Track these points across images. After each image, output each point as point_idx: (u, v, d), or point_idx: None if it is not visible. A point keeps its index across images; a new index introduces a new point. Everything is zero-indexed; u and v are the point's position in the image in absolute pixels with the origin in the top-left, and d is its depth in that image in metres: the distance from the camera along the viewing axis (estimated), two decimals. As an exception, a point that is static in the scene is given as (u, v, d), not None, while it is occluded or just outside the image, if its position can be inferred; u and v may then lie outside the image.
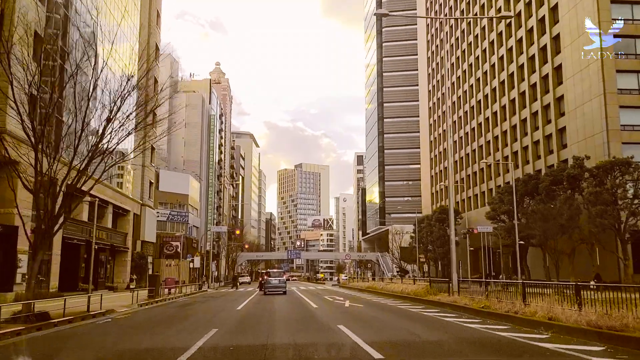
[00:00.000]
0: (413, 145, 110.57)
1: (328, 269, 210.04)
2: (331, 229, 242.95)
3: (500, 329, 11.68)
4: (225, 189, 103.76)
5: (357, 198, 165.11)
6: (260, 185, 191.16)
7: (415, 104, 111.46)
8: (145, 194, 41.66)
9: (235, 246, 70.84)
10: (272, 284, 32.02)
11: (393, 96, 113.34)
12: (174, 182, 60.22)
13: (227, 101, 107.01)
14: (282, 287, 32.19)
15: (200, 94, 72.49)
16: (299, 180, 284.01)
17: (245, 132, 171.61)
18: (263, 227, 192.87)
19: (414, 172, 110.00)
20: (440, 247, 68.43)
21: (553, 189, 41.76)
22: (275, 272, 33.99)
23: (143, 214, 41.04)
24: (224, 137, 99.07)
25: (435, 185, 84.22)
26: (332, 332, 11.59)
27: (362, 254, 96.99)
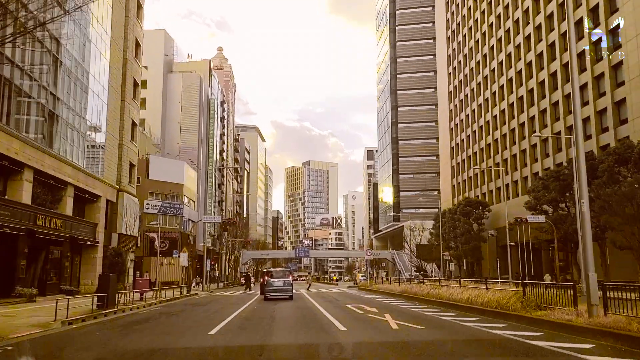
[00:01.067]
0: (429, 135, 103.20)
1: (337, 269, 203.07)
2: (340, 227, 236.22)
3: None
4: (228, 183, 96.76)
5: (368, 194, 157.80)
6: (267, 182, 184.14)
7: (430, 91, 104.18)
8: (124, 177, 34.62)
9: (236, 242, 63.81)
10: (274, 287, 25.58)
11: (407, 83, 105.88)
12: (166, 169, 53.22)
13: (229, 88, 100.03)
14: (288, 290, 25.71)
15: (198, 75, 65.56)
16: (306, 178, 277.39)
17: (251, 126, 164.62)
18: (270, 225, 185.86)
19: (431, 164, 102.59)
20: (466, 243, 61.12)
21: (617, 170, 34.31)
22: (279, 272, 26.86)
23: (121, 202, 33.99)
24: (226, 126, 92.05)
25: (457, 176, 76.77)
26: None
27: (377, 251, 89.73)
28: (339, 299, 24.80)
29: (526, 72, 55.58)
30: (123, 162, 34.30)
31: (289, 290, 25.58)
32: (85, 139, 28.82)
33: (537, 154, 52.80)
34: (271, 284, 25.40)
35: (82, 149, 28.62)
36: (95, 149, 30.30)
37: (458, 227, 63.24)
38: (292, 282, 26.23)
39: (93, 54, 29.47)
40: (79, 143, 27.94)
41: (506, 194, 60.49)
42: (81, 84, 28.32)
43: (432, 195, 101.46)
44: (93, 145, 30.37)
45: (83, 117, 28.19)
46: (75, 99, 27.21)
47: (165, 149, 60.89)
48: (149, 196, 51.76)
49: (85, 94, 28.65)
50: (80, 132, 27.83)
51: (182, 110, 63.82)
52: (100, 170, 30.90)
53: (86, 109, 28.56)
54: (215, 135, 74.83)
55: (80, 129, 27.93)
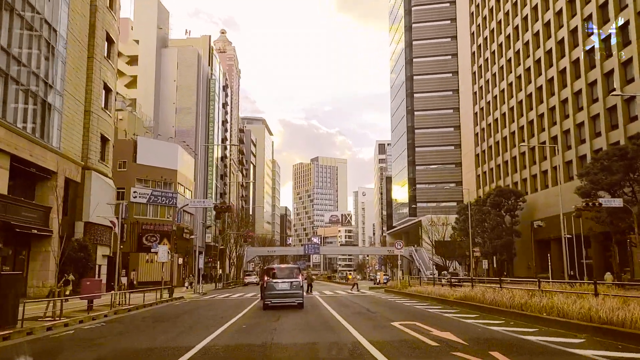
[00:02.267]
0: (447, 123, 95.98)
1: (347, 267, 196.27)
2: (350, 224, 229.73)
3: None
4: (232, 175, 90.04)
5: (380, 189, 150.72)
6: (274, 177, 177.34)
7: (448, 76, 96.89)
8: (92, 153, 27.82)
9: (239, 236, 57.02)
10: (277, 290, 18.17)
11: (424, 68, 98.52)
12: (157, 153, 46.51)
13: (233, 73, 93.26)
14: (296, 295, 18.30)
15: (196, 50, 58.70)
16: (315, 174, 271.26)
17: (258, 118, 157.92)
18: (277, 222, 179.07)
19: (449, 154, 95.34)
20: (497, 238, 54.10)
21: None
22: (284, 270, 19.12)
23: (87, 183, 27.22)
24: (229, 113, 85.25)
25: (483, 165, 69.51)
26: None
27: (392, 248, 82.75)
28: (372, 309, 17.50)
29: (569, 40, 48.29)
30: (91, 133, 27.52)
31: (298, 295, 18.21)
32: (29, 95, 21.98)
33: (585, 133, 45.48)
34: (273, 287, 18.06)
35: (24, 108, 21.80)
36: (48, 113, 23.45)
37: (487, 220, 56.22)
38: (302, 284, 18.92)
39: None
40: (18, 98, 21.16)
41: (543, 181, 53.26)
42: (26, 24, 21.57)
43: (450, 188, 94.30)
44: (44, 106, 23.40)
45: (25, 64, 21.41)
46: (14, 38, 20.48)
47: (159, 132, 54.18)
48: (136, 183, 45.11)
49: (30, 36, 21.86)
50: (21, 83, 21.06)
51: (177, 90, 57.11)
52: (56, 139, 24.10)
53: (30, 52, 21.74)
54: (216, 121, 68.08)
55: (21, 79, 21.18)
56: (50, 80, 23.30)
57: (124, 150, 44.86)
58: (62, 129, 24.26)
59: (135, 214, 44.59)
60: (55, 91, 23.77)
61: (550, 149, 51.35)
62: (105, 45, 29.01)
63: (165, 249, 26.81)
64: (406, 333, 10.53)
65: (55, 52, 23.95)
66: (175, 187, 47.90)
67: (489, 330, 11.13)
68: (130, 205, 43.75)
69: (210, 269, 60.51)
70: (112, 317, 15.86)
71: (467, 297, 16.24)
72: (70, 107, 25.17)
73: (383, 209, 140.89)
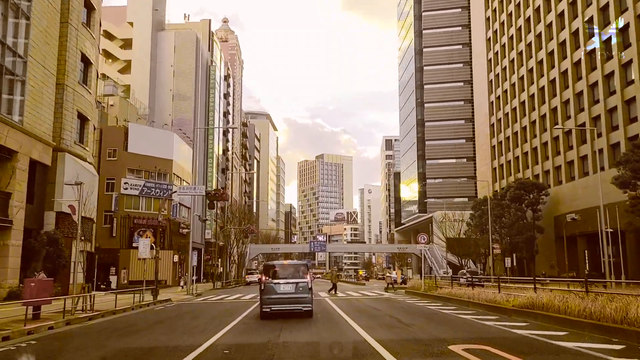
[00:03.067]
0: (458, 115, 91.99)
1: (352, 266, 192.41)
2: (355, 222, 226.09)
3: None
4: (234, 169, 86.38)
5: (387, 186, 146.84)
6: (279, 174, 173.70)
7: (459, 67, 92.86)
8: (67, 132, 24.10)
9: (240, 232, 53.25)
10: (279, 294, 14.22)
11: (434, 58, 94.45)
12: (151, 141, 42.84)
13: (236, 63, 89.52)
14: (302, 301, 14.28)
15: (195, 33, 54.90)
16: (320, 171, 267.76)
17: (262, 112, 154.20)
18: (282, 219, 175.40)
19: (460, 147, 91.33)
20: (518, 234, 50.21)
21: None
22: (288, 267, 15.03)
23: (60, 167, 23.50)
24: (232, 104, 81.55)
25: (500, 157, 65.51)
26: None
27: (403, 245, 78.86)
28: (404, 319, 13.59)
29: (599, 19, 44.25)
30: (66, 109, 23.79)
31: (305, 299, 14.17)
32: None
33: (618, 119, 41.45)
34: (273, 289, 14.11)
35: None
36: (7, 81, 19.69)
37: (505, 216, 52.30)
38: (310, 286, 14.59)
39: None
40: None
41: (569, 173, 49.27)
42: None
43: (462, 183, 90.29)
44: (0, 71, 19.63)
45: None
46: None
47: (155, 120, 50.48)
48: (127, 173, 41.49)
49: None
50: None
51: (174, 76, 53.38)
52: (18, 113, 20.40)
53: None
54: (217, 111, 64.38)
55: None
56: (9, 42, 19.60)
57: (114, 137, 41.25)
58: (26, 101, 20.54)
59: (126, 207, 40.99)
60: (17, 56, 20.07)
61: (577, 138, 47.36)
62: (83, 10, 25.30)
63: (147, 243, 23.10)
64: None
65: (19, 11, 20.27)
66: (170, 178, 44.25)
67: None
68: (120, 198, 40.18)
69: (211, 268, 56.87)
70: (58, 331, 12.15)
71: (535, 305, 12.18)
72: (38, 77, 21.47)
73: (390, 206, 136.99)
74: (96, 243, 39.46)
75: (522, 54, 59.11)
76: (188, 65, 53.83)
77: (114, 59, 53.26)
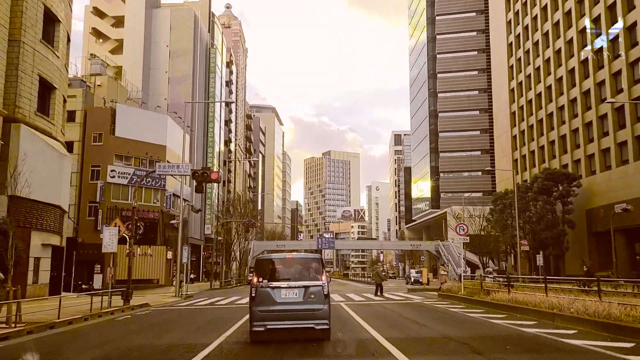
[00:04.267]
0: (473, 105, 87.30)
1: (359, 264, 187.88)
2: (363, 220, 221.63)
3: None
4: (237, 162, 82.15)
5: (397, 182, 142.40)
6: (285, 169, 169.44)
7: (473, 54, 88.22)
8: (24, 100, 19.74)
9: (241, 226, 48.94)
10: (279, 304, 9.33)
11: (449, 45, 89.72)
12: (142, 125, 38.61)
13: (239, 51, 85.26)
14: (316, 315, 9.34)
15: (192, 10, 50.52)
16: (327, 169, 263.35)
17: (267, 106, 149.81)
18: (288, 216, 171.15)
19: (476, 140, 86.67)
20: (546, 229, 45.90)
21: None
22: (294, 262, 10.05)
23: (14, 142, 19.17)
24: (235, 92, 77.29)
25: (522, 147, 60.88)
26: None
27: (417, 242, 74.27)
28: (475, 345, 8.99)
29: (641, -12, 39.54)
30: (23, 71, 19.51)
31: (319, 312, 9.42)
32: None
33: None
34: (269, 297, 9.44)
35: None
36: None
37: (531, 209, 47.77)
38: (327, 292, 9.68)
39: None
40: None
41: (604, 162, 44.61)
42: None
43: (477, 177, 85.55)
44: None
45: None
46: None
47: (149, 105, 46.22)
48: (115, 160, 37.28)
49: None
50: None
51: (170, 57, 49.11)
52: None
53: None
54: (218, 97, 60.10)
55: None
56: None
57: (100, 120, 37.07)
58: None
59: (113, 197, 36.78)
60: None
61: (614, 123, 42.70)
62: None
63: (114, 233, 18.71)
64: None
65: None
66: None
67: None
68: (107, 187, 35.99)
69: (213, 265, 52.63)
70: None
71: None
72: None
73: (400, 202, 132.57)
74: (79, 237, 35.30)
75: (547, 35, 54.43)
76: (185, 46, 49.51)
77: (105, 38, 49.10)
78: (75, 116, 36.69)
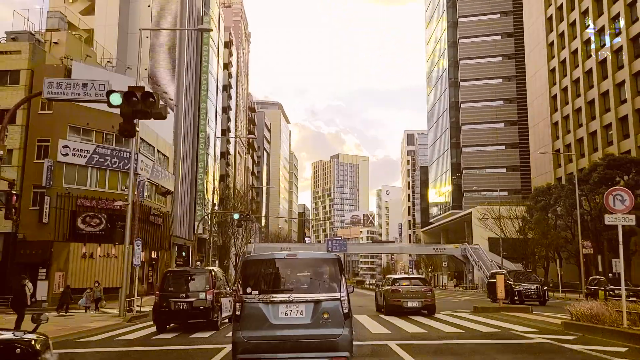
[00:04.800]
0: (497, 95, 78.87)
1: (369, 271, 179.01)
2: (372, 225, 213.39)
3: None
4: (239, 157, 74.05)
5: (411, 183, 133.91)
6: (292, 170, 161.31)
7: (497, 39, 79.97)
8: None
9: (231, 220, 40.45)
10: (277, 327, 5.83)
11: (472, 29, 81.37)
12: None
13: (241, 33, 77.38)
14: (329, 345, 5.66)
15: (180, -33, 42.63)
16: (335, 172, 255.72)
17: (273, 102, 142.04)
18: (295, 219, 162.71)
19: (503, 132, 78.15)
20: (607, 228, 36.95)
21: None
22: (297, 265, 6.36)
23: None
24: (235, 77, 69.32)
25: (565, 135, 52.35)
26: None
27: (441, 245, 65.42)
28: None
29: None
30: None
31: (336, 341, 5.76)
32: None
33: None
34: (261, 316, 6.03)
35: None
36: None
37: (584, 205, 39.40)
38: (347, 309, 6.14)
39: None
40: None
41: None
42: None
43: (502, 174, 76.61)
44: None
45: None
46: None
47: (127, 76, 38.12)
48: (69, 133, 29.15)
49: None
50: None
51: (152, 18, 41.11)
52: None
53: None
54: (212, 74, 52.11)
55: None
56: None
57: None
58: None
59: (66, 181, 28.60)
60: None
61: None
62: None
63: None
64: None
65: None
66: (136, 144, 31.68)
67: None
68: (57, 167, 27.87)
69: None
70: None
71: None
72: None
73: (416, 203, 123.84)
74: (20, 233, 27.13)
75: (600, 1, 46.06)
76: (172, 5, 41.50)
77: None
78: (19, 77, 28.69)
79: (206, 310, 13.19)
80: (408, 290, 16.92)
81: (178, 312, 13.25)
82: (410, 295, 16.75)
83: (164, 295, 13.39)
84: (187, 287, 13.73)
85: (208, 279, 13.77)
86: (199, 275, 14.26)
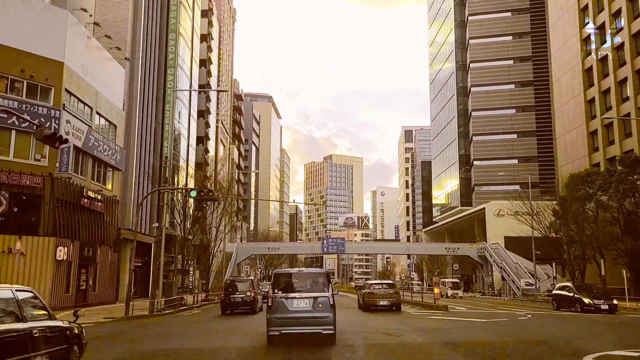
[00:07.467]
0: (510, 78, 70.80)
1: (363, 275, 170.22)
2: (367, 228, 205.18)
3: None
4: (221, 145, 65.32)
5: (410, 181, 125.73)
6: (283, 169, 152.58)
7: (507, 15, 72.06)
8: None
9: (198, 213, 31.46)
10: (291, 312, 11.72)
11: (482, 5, 73.31)
12: (18, 21, 21.85)
13: (224, 7, 68.88)
14: (323, 322, 11.64)
15: None
16: (328, 174, 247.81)
17: (263, 94, 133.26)
18: (287, 221, 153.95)
19: (517, 119, 70.02)
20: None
21: None
22: (304, 276, 12.82)
23: None
24: (215, 51, 60.67)
25: (602, 115, 44.08)
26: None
27: (454, 245, 56.57)
28: None
29: None
30: None
31: (326, 319, 11.61)
32: None
33: None
34: (283, 306, 11.70)
35: None
36: None
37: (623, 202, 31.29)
38: (333, 302, 11.71)
39: None
40: None
41: None
42: None
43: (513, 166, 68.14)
44: None
45: None
46: None
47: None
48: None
49: None
50: None
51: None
52: None
53: None
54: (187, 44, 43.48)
55: None
56: None
57: None
58: None
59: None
60: None
61: None
62: None
63: None
64: None
65: None
66: (58, 97, 22.93)
67: None
68: None
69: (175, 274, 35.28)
70: None
71: None
72: None
73: (416, 203, 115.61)
74: None
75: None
76: None
77: None
78: None
79: (251, 302, 22.47)
80: (380, 293, 23.01)
81: (235, 303, 22.40)
82: (381, 296, 22.73)
83: (226, 293, 22.65)
84: (239, 289, 22.91)
85: (251, 284, 23.95)
86: (245, 282, 24.30)
